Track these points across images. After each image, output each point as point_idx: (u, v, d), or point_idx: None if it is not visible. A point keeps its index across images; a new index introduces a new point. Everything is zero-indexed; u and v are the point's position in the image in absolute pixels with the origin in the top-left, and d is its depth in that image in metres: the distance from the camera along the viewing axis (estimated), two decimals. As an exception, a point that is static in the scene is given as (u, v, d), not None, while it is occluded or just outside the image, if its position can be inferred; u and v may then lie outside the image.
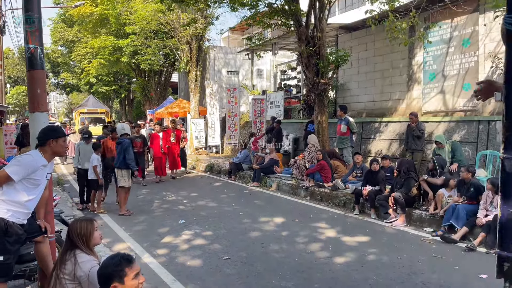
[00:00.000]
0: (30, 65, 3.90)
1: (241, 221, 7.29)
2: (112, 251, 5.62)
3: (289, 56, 20.64)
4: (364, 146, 11.57)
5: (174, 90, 31.74)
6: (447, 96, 10.16)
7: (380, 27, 9.24)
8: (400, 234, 6.57)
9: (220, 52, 23.62)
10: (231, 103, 15.49)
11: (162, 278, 4.75)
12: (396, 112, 11.56)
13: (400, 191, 7.14)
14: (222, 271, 4.95)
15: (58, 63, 36.33)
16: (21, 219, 3.42)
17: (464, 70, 9.76)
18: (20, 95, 48.83)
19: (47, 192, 3.78)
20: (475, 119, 8.96)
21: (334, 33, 13.71)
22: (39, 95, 3.91)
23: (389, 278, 4.70)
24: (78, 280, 2.80)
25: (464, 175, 6.56)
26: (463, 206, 6.35)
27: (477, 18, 9.44)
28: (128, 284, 2.37)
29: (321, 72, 10.32)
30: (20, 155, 3.62)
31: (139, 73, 27.41)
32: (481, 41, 9.35)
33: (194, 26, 17.12)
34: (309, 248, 5.80)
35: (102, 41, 23.27)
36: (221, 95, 20.31)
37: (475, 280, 4.66)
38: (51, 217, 3.99)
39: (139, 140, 11.19)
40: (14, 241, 3.37)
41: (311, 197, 9.26)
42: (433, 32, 10.27)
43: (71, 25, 29.29)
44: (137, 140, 11.02)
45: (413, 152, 9.15)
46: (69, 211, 7.49)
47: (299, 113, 15.08)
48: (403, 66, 11.40)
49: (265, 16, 11.07)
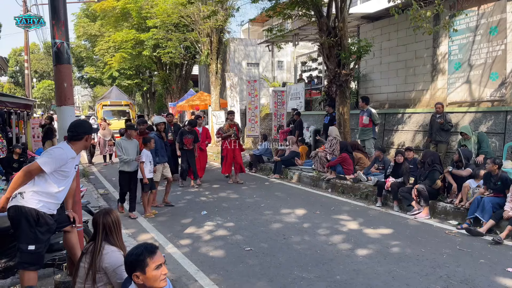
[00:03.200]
0: (56, 60, 3.99)
1: (263, 213, 7.32)
2: (136, 241, 5.75)
3: (309, 47, 20.43)
4: (387, 137, 11.41)
5: (195, 83, 31.94)
6: (473, 86, 9.89)
7: (403, 16, 9.03)
8: (423, 226, 6.48)
9: (240, 44, 23.59)
10: (251, 95, 15.48)
11: (186, 268, 4.84)
12: (420, 103, 11.33)
13: (424, 183, 7.03)
14: (245, 262, 5.00)
15: (82, 57, 37.07)
16: (51, 210, 3.53)
17: (491, 59, 9.47)
18: (46, 89, 50.11)
19: (75, 183, 3.89)
20: (503, 109, 8.70)
21: (356, 23, 13.49)
22: (66, 89, 4.01)
23: (413, 271, 4.65)
24: (104, 271, 2.88)
25: (490, 167, 6.40)
26: (489, 199, 6.20)
27: (505, 5, 9.12)
28: (149, 275, 2.40)
29: (343, 63, 10.19)
30: (51, 147, 3.73)
31: (160, 66, 27.68)
32: (509, 29, 9.03)
33: (214, 18, 17.13)
34: (331, 240, 5.79)
35: (124, 35, 23.58)
36: (241, 87, 20.31)
37: (501, 274, 4.56)
38: (79, 207, 4.10)
39: (190, 136, 9.69)
40: (45, 231, 3.49)
41: (332, 189, 9.22)
42: (459, 20, 9.98)
43: (94, 20, 29.78)
44: (188, 136, 9.66)
45: (437, 144, 8.96)
46: (95, 202, 7.69)
47: (320, 104, 14.96)
48: (427, 56, 11.13)
49: (286, 7, 10.98)
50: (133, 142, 7.21)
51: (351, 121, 11.02)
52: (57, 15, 3.96)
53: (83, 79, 44.04)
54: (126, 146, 7.10)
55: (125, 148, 7.07)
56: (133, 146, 7.16)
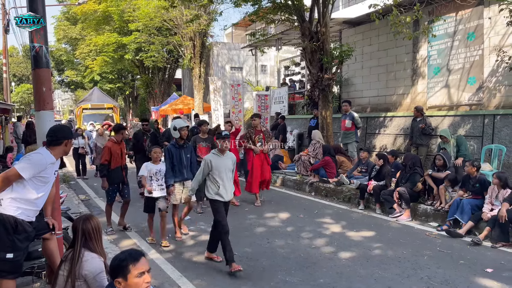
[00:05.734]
0: (35, 64, 3.93)
1: (246, 217, 7.31)
2: (118, 247, 5.67)
3: (292, 52, 20.58)
4: (369, 141, 11.55)
5: (178, 86, 31.79)
6: (452, 90, 10.11)
7: (384, 21, 9.19)
8: (405, 229, 6.57)
9: (223, 48, 23.60)
10: (235, 99, 15.48)
11: (169, 274, 4.79)
12: (401, 106, 11.52)
13: (405, 186, 7.14)
14: (228, 267, 4.97)
15: (62, 61, 36.46)
16: (30, 217, 3.45)
17: (469, 64, 9.70)
18: (25, 93, 49.02)
19: (54, 189, 3.81)
20: (480, 113, 8.91)
21: (338, 28, 13.65)
22: (45, 94, 3.94)
23: (394, 273, 4.71)
24: (84, 278, 2.83)
25: (469, 169, 6.54)
26: (467, 201, 6.34)
27: (481, 11, 9.37)
28: (131, 282, 2.36)
29: (325, 67, 10.29)
30: (29, 153, 3.65)
31: (143, 70, 27.45)
32: (486, 35, 9.28)
33: (197, 22, 17.12)
34: (314, 243, 5.82)
35: (106, 38, 23.33)
36: (225, 91, 20.29)
37: (480, 274, 4.66)
38: (58, 214, 4.03)
39: (204, 145, 7.77)
40: (24, 239, 3.41)
41: (315, 193, 9.27)
42: (438, 26, 10.20)
43: (75, 23, 29.41)
44: (202, 144, 7.77)
45: (418, 147, 9.14)
46: (76, 208, 7.55)
47: (303, 108, 15.06)
48: (408, 61, 11.34)
49: (268, 12, 11.04)
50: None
51: (334, 125, 11.13)
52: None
53: (63, 83, 43.29)
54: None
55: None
56: None
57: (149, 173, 5.90)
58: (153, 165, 5.95)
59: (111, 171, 6.49)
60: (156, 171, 5.91)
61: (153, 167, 5.93)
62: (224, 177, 4.97)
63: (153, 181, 5.88)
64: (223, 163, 5.00)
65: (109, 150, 6.48)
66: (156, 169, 5.92)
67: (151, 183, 5.88)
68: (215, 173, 4.93)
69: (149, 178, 5.88)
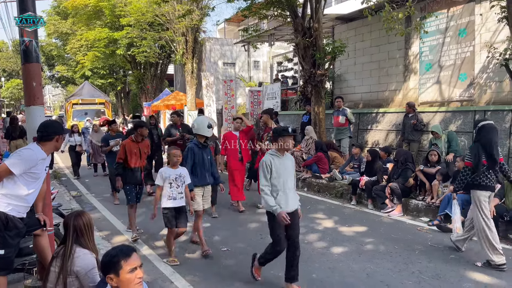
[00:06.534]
0: (25, 59, 3.88)
1: (239, 213, 7.31)
2: (110, 243, 5.65)
3: (285, 48, 20.55)
4: (361, 137, 11.60)
5: (170, 82, 31.59)
6: (443, 86, 10.18)
7: (376, 17, 9.21)
8: (396, 224, 6.62)
9: (216, 44, 23.50)
10: (227, 95, 15.44)
11: (161, 270, 4.78)
12: (393, 102, 11.58)
13: (397, 182, 7.19)
14: (221, 262, 4.99)
15: (53, 56, 36.02)
16: (21, 213, 3.43)
17: (460, 60, 9.77)
18: (15, 88, 48.48)
19: (45, 185, 3.78)
20: (471, 109, 8.98)
21: (331, 23, 13.65)
22: (35, 89, 3.90)
23: (386, 268, 4.75)
24: (75, 275, 2.81)
25: (460, 165, 6.60)
26: (458, 196, 6.38)
27: (473, 7, 9.43)
28: (122, 277, 2.35)
29: (318, 63, 10.30)
30: (19, 149, 3.61)
31: (134, 66, 27.21)
32: (477, 31, 9.34)
33: (189, 17, 16.99)
34: (307, 238, 5.85)
35: (97, 33, 23.06)
36: (218, 87, 20.23)
37: (470, 268, 4.72)
38: (49, 210, 4.00)
39: (210, 143, 7.11)
40: (15, 235, 3.38)
41: (308, 188, 9.30)
42: (429, 22, 10.25)
43: (65, 18, 29.01)
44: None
45: (410, 143, 9.20)
46: (67, 205, 7.50)
47: (296, 104, 15.07)
48: (400, 57, 11.39)
49: (261, 7, 11.01)
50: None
51: (326, 121, 11.15)
52: (26, 12, 3.84)
53: (54, 78, 42.84)
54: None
55: None
56: None
57: (168, 180, 4.95)
58: (172, 169, 5.02)
59: (127, 170, 6.02)
60: (176, 176, 4.98)
61: (172, 172, 4.99)
62: (284, 182, 4.14)
63: (173, 188, 4.96)
64: (283, 165, 4.20)
65: (123, 148, 6.05)
66: (176, 174, 4.99)
67: (171, 191, 4.96)
68: (274, 177, 4.15)
69: (168, 186, 4.94)
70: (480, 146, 4.84)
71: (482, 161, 4.78)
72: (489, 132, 4.85)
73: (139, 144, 6.14)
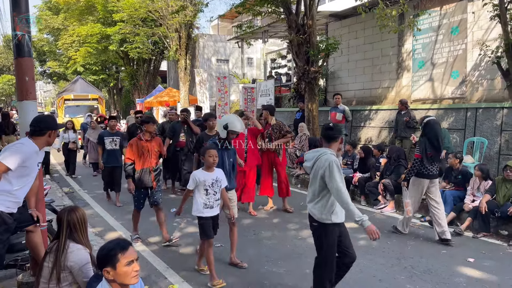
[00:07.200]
0: (17, 53, 3.83)
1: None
2: (103, 239, 5.62)
3: (279, 44, 20.55)
4: (354, 133, 11.65)
5: (164, 78, 31.47)
6: (436, 84, 10.25)
7: (370, 14, 9.23)
8: (389, 220, 6.67)
9: (209, 40, 23.44)
10: (221, 91, 15.39)
11: (155, 266, 4.78)
12: (386, 100, 11.64)
13: (390, 178, 7.23)
14: (215, 258, 4.98)
15: (44, 51, 35.63)
16: (10, 208, 3.39)
17: (452, 58, 9.84)
18: (6, 84, 47.89)
19: (37, 181, 3.75)
20: (463, 106, 9.06)
21: (324, 21, 13.67)
22: (28, 83, 3.85)
23: (379, 263, 4.79)
24: (69, 270, 2.80)
25: (452, 161, 6.67)
26: (450, 192, 6.47)
27: (465, 5, 9.49)
28: (120, 270, 2.37)
29: (311, 60, 10.32)
30: (9, 144, 3.58)
31: (127, 62, 27.06)
32: (469, 29, 9.41)
33: (183, 13, 16.94)
34: (301, 234, 5.87)
35: (89, 29, 22.87)
36: (211, 83, 20.19)
37: (462, 264, 4.77)
38: (42, 205, 3.97)
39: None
40: (4, 231, 3.34)
41: (302, 185, 9.33)
42: (422, 20, 10.30)
43: (57, 13, 28.70)
44: None
45: (403, 140, 9.26)
46: (60, 201, 7.45)
47: (289, 101, 15.08)
48: (393, 54, 11.44)
49: (255, 4, 11.00)
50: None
51: (320, 118, 11.19)
52: (19, 6, 3.80)
53: (45, 74, 42.42)
54: None
55: None
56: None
57: (203, 186, 4.28)
58: (208, 173, 4.31)
59: (135, 172, 5.56)
60: (212, 181, 4.30)
61: (208, 176, 4.29)
62: None
63: (210, 195, 4.30)
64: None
65: (130, 148, 5.58)
66: (213, 178, 4.31)
67: (207, 199, 4.31)
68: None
69: (204, 192, 4.29)
70: (427, 140, 5.39)
71: (427, 153, 5.36)
72: (433, 127, 5.39)
73: (148, 143, 5.58)
